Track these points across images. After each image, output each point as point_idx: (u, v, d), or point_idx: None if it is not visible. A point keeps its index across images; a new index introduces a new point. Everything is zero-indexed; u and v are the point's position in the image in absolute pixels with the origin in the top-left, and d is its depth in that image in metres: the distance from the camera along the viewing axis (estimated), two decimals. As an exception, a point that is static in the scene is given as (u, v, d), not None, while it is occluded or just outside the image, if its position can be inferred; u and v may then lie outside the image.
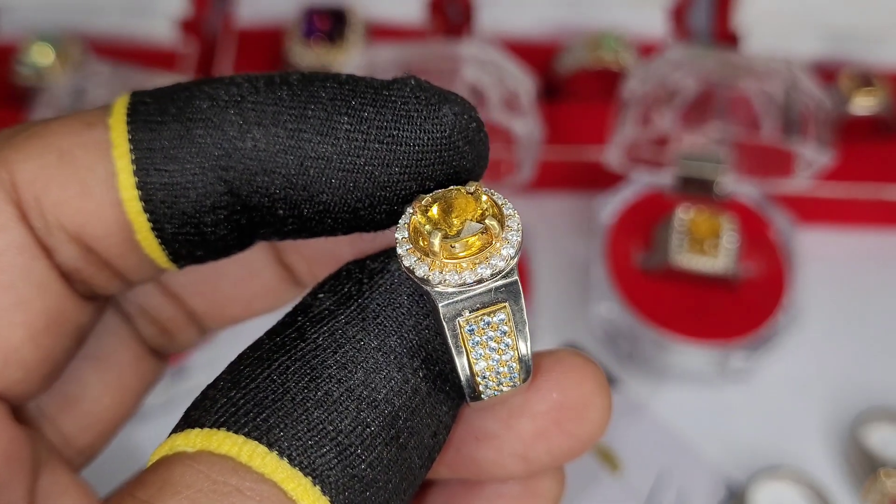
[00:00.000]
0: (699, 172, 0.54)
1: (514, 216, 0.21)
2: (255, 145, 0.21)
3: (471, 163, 0.22)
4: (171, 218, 0.22)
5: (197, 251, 0.23)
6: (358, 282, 0.22)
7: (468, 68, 0.52)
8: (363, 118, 0.21)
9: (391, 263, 0.22)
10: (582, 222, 0.57)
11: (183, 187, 0.22)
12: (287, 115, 0.21)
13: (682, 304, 0.52)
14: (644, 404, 0.51)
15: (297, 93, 0.22)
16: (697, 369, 0.52)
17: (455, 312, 0.21)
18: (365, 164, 0.21)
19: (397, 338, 0.21)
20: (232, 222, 0.23)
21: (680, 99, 0.53)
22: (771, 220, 0.55)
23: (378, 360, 0.21)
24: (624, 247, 0.54)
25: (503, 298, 0.21)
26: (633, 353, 0.53)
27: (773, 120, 0.52)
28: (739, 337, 0.51)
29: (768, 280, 0.53)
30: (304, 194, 0.22)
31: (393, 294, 0.22)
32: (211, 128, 0.22)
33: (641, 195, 0.56)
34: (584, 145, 0.57)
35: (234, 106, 0.22)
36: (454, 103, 0.22)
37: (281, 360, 0.21)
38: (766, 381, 0.53)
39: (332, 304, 0.22)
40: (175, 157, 0.22)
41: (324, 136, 0.21)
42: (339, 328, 0.21)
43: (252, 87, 0.22)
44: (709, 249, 0.52)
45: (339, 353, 0.21)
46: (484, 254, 0.21)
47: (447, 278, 0.21)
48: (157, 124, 0.22)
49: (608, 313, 0.52)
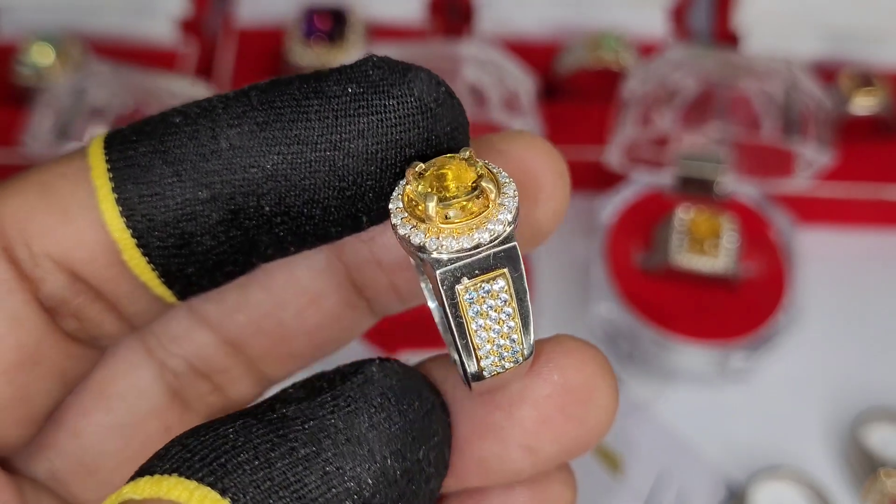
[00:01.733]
0: (699, 172, 0.54)
1: (510, 183, 0.21)
2: (230, 144, 0.21)
3: (448, 125, 0.22)
4: (154, 230, 0.22)
5: (188, 268, 0.23)
6: (330, 380, 0.21)
7: (468, 68, 0.52)
8: (330, 96, 0.21)
9: (365, 367, 0.22)
10: (582, 222, 0.57)
11: (162, 197, 0.22)
12: (258, 112, 0.22)
13: (683, 304, 0.52)
14: (644, 404, 0.52)
15: (265, 90, 0.22)
16: (697, 369, 0.52)
17: (453, 279, 0.21)
18: (341, 141, 0.21)
19: (368, 425, 0.20)
20: (220, 234, 0.22)
21: (680, 99, 0.53)
22: (771, 220, 0.55)
23: (349, 439, 0.20)
24: (624, 247, 0.54)
25: (502, 265, 0.21)
26: (633, 354, 0.53)
27: (773, 120, 0.52)
28: (739, 337, 0.51)
29: (768, 280, 0.53)
30: (287, 184, 0.22)
31: (366, 388, 0.21)
32: (184, 137, 0.22)
33: (641, 195, 0.56)
34: (584, 145, 0.57)
35: (205, 115, 0.22)
36: (419, 70, 0.22)
37: (245, 420, 0.20)
38: (766, 381, 0.53)
39: (303, 394, 0.21)
40: (150, 167, 0.22)
41: (295, 122, 0.21)
42: (308, 408, 0.20)
43: (222, 99, 0.22)
44: (709, 249, 0.52)
45: (307, 424, 0.20)
46: (481, 218, 0.21)
47: (444, 244, 0.20)
48: (132, 142, 0.22)
49: (608, 313, 0.52)
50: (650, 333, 0.51)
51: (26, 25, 0.60)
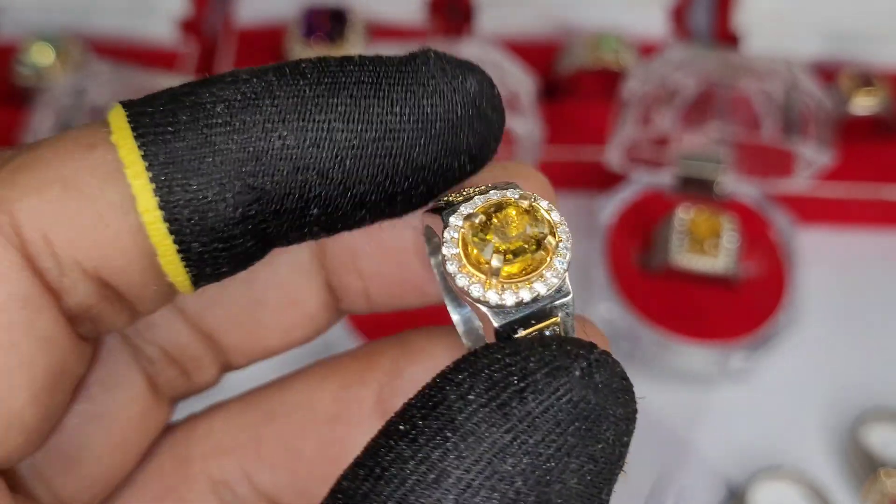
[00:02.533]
0: (699, 172, 0.54)
1: (563, 225, 0.21)
2: (283, 143, 0.20)
3: (497, 130, 0.22)
4: (200, 235, 0.20)
5: (222, 268, 0.21)
6: (518, 392, 0.19)
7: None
8: (393, 99, 0.21)
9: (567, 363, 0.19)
10: (582, 222, 0.57)
11: (210, 201, 0.20)
12: (312, 107, 0.20)
13: (683, 304, 0.52)
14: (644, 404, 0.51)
15: (317, 81, 0.20)
16: (698, 369, 0.52)
17: (511, 331, 0.20)
18: (401, 147, 0.21)
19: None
20: (259, 231, 0.21)
21: (680, 99, 0.53)
22: (771, 220, 0.55)
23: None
24: (624, 247, 0.54)
25: (556, 313, 0.21)
26: (633, 353, 0.52)
27: (773, 120, 0.52)
28: (740, 337, 0.51)
29: (768, 280, 0.53)
30: (340, 188, 0.21)
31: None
32: (232, 132, 0.20)
33: (641, 195, 0.55)
34: (584, 145, 0.57)
35: (253, 106, 0.20)
36: (476, 72, 0.21)
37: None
38: (767, 380, 0.53)
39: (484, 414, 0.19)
40: (197, 169, 0.20)
41: (355, 124, 0.20)
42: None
43: (264, 84, 0.20)
44: (709, 249, 0.52)
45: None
46: (538, 270, 0.20)
47: (505, 298, 0.20)
48: (171, 135, 0.20)
49: (608, 313, 0.52)
50: (650, 333, 0.51)
51: (26, 25, 0.60)
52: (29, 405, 0.21)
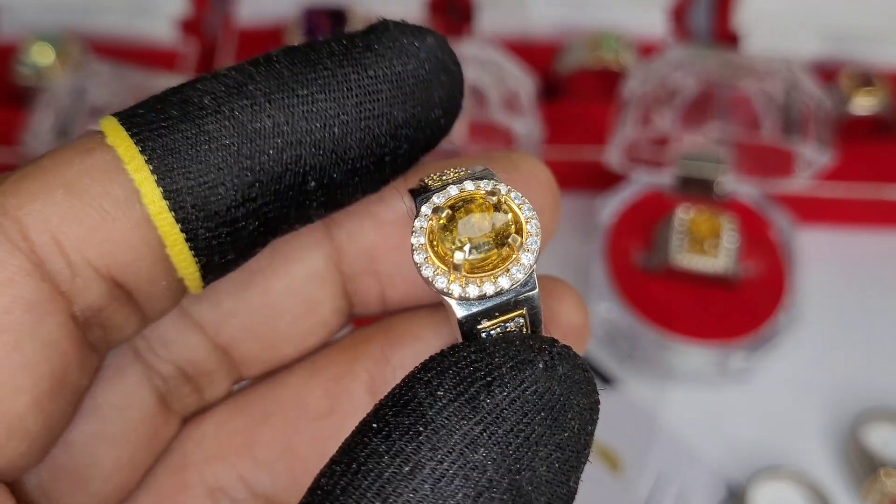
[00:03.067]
0: (699, 172, 0.54)
1: (533, 219, 0.21)
2: (273, 122, 0.21)
3: (460, 82, 0.23)
4: (205, 221, 0.21)
5: (229, 254, 0.22)
6: (486, 385, 0.19)
7: (468, 68, 0.52)
8: (366, 64, 0.22)
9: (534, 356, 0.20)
10: (582, 222, 0.57)
11: (211, 186, 0.20)
12: (293, 84, 0.21)
13: (683, 303, 0.52)
14: (644, 404, 0.51)
15: (292, 62, 0.21)
16: (697, 369, 0.52)
17: (473, 321, 0.21)
18: (381, 107, 0.22)
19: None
20: (261, 215, 0.22)
21: (680, 99, 0.53)
22: (771, 220, 0.55)
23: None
24: (624, 247, 0.54)
25: (521, 306, 0.21)
26: (633, 354, 0.53)
27: (773, 120, 0.52)
28: (739, 337, 0.51)
29: (768, 280, 0.53)
30: (333, 157, 0.21)
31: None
32: (223, 118, 0.21)
33: (641, 195, 0.56)
34: (584, 145, 0.57)
35: (238, 92, 0.21)
36: (431, 32, 0.23)
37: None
38: (766, 381, 0.53)
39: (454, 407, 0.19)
40: (195, 156, 0.20)
41: (336, 92, 0.21)
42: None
43: (245, 73, 0.21)
44: (709, 249, 0.52)
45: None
46: (505, 265, 0.21)
47: (468, 291, 0.21)
48: (165, 129, 0.21)
49: (608, 313, 0.52)
50: (650, 333, 0.51)
51: (26, 25, 0.60)
52: (31, 410, 0.21)
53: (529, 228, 0.21)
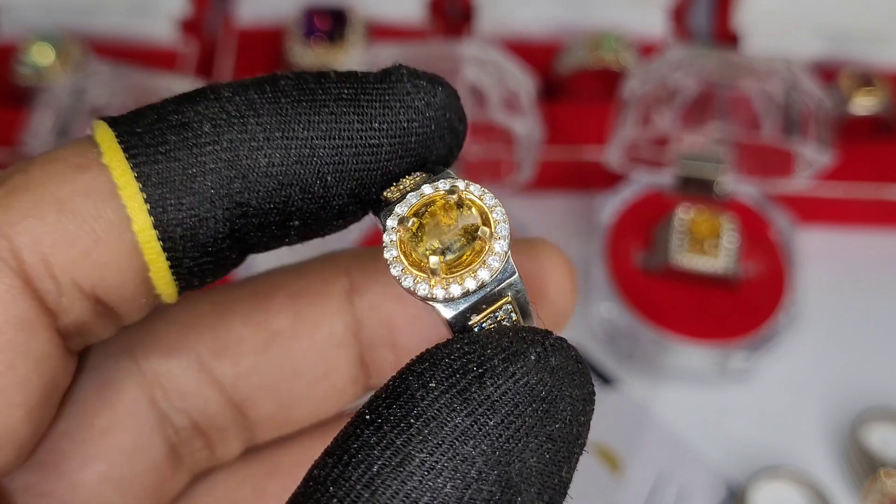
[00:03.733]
0: (699, 172, 0.54)
1: (497, 207, 0.22)
2: (269, 161, 0.21)
3: (461, 139, 0.23)
4: (191, 251, 0.21)
5: (207, 278, 0.22)
6: (478, 377, 0.19)
7: (468, 68, 0.52)
8: (371, 116, 0.21)
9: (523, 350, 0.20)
10: (582, 222, 0.57)
11: (201, 219, 0.21)
12: (295, 125, 0.21)
13: (683, 304, 0.52)
14: (644, 404, 0.51)
15: (297, 99, 0.21)
16: (697, 369, 0.52)
17: (464, 319, 0.21)
18: (379, 161, 0.22)
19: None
20: (243, 242, 0.22)
21: (680, 99, 0.53)
22: (771, 220, 0.55)
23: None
24: (624, 247, 0.54)
25: (506, 292, 0.21)
26: (633, 353, 0.53)
27: (773, 120, 0.52)
28: (740, 337, 0.51)
29: (768, 280, 0.53)
30: (321, 202, 0.22)
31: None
32: (220, 151, 0.21)
33: (641, 195, 0.56)
34: (584, 145, 0.57)
35: (239, 124, 0.21)
36: (444, 85, 0.22)
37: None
38: (767, 381, 0.53)
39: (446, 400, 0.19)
40: (189, 188, 0.21)
41: (336, 140, 0.21)
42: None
43: (247, 102, 0.21)
44: (709, 249, 0.52)
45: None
46: (481, 257, 0.21)
47: (451, 291, 0.21)
48: (161, 156, 0.21)
49: (608, 313, 0.52)
50: (650, 333, 0.51)
51: (26, 25, 0.61)
52: (23, 422, 0.21)
53: (496, 217, 0.21)
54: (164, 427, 0.26)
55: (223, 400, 0.26)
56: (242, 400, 0.26)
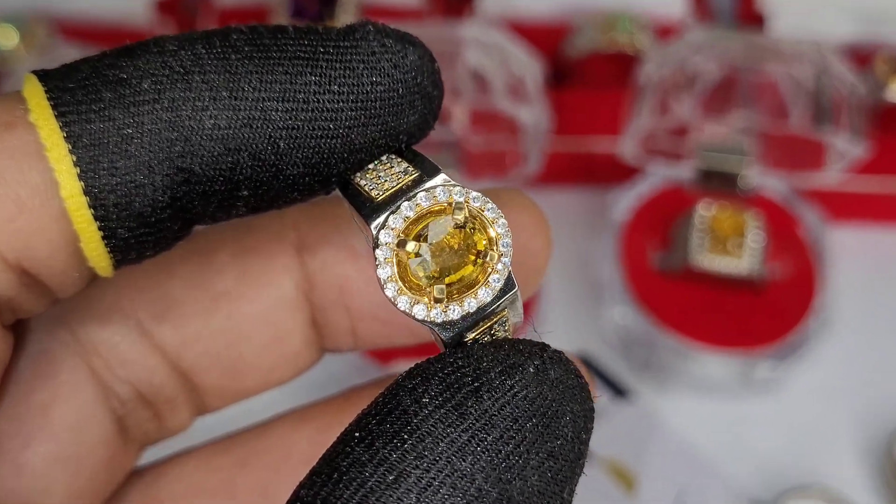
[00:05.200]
0: (722, 165, 0.54)
1: (500, 219, 0.21)
2: (215, 123, 0.20)
3: (437, 107, 0.23)
4: (126, 221, 0.21)
5: (147, 252, 0.22)
6: (474, 391, 0.20)
7: (469, 52, 0.51)
8: (331, 77, 0.21)
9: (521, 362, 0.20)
10: (593, 219, 0.57)
11: (137, 185, 0.20)
12: (245, 84, 0.20)
13: (703, 308, 0.52)
14: (661, 418, 0.51)
15: (250, 56, 0.21)
16: (720, 379, 0.52)
17: (459, 337, 0.21)
18: (339, 128, 0.21)
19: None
20: (186, 212, 0.21)
21: (701, 85, 0.53)
22: (800, 217, 0.55)
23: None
24: (639, 246, 0.54)
25: (504, 307, 0.21)
26: (649, 362, 0.52)
27: (802, 108, 0.52)
28: (766, 344, 0.51)
29: (797, 282, 0.53)
30: (273, 170, 0.21)
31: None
32: (161, 110, 0.20)
33: (659, 190, 0.55)
34: (595, 136, 0.57)
35: (182, 81, 0.20)
36: (416, 45, 0.22)
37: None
38: (795, 392, 0.53)
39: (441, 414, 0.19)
40: (124, 151, 0.20)
41: (290, 103, 0.21)
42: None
43: (193, 57, 0.20)
44: (732, 249, 0.52)
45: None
46: (485, 277, 0.21)
47: (450, 315, 0.21)
48: (95, 115, 0.20)
49: (622, 318, 0.52)
50: (668, 340, 0.51)
51: (-11, 6, 0.60)
52: None
53: (499, 230, 0.21)
54: (109, 399, 0.26)
55: (168, 368, 0.26)
56: (188, 368, 0.26)
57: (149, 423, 0.27)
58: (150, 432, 0.27)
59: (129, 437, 0.26)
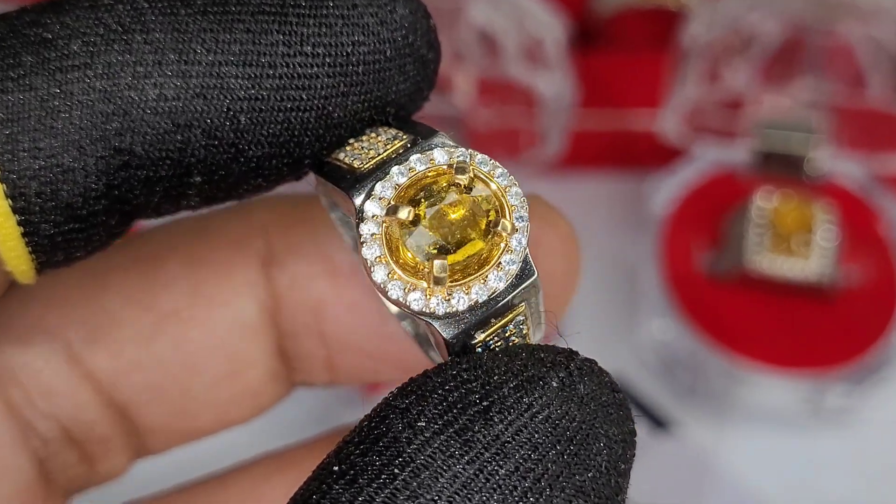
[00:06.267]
0: (785, 146, 0.52)
1: (513, 187, 0.20)
2: (160, 93, 0.20)
3: (432, 73, 0.22)
4: (52, 213, 0.20)
5: (77, 252, 0.21)
6: (483, 412, 0.18)
7: (476, 7, 0.50)
8: (304, 35, 0.20)
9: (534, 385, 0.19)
10: (628, 213, 0.55)
11: (66, 169, 0.20)
12: (197, 45, 0.20)
13: (762, 321, 0.50)
14: (710, 455, 0.50)
15: (203, 10, 0.20)
16: (782, 408, 0.50)
17: (466, 337, 0.20)
18: (313, 98, 0.20)
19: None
20: (125, 203, 0.21)
21: (759, 48, 0.51)
22: (881, 210, 0.53)
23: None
24: (684, 245, 0.52)
25: (521, 299, 0.20)
26: (695, 387, 0.51)
27: (883, 76, 0.51)
28: (838, 365, 0.49)
29: (877, 289, 0.51)
30: (232, 151, 0.20)
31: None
32: (94, 78, 0.19)
33: (707, 176, 0.54)
34: (630, 109, 0.56)
35: (120, 42, 0.20)
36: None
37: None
38: (873, 423, 0.51)
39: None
40: (49, 128, 0.19)
41: (253, 68, 0.20)
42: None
43: (134, 13, 0.20)
44: (798, 248, 0.51)
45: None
46: (493, 260, 0.20)
47: (454, 304, 0.20)
48: (12, 83, 0.19)
49: (663, 333, 0.51)
50: (718, 360, 0.50)
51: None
52: None
53: (511, 201, 0.20)
54: (29, 438, 0.25)
55: (101, 402, 0.25)
56: (125, 403, 0.25)
57: (77, 468, 0.26)
58: (77, 478, 0.26)
59: (52, 484, 0.26)
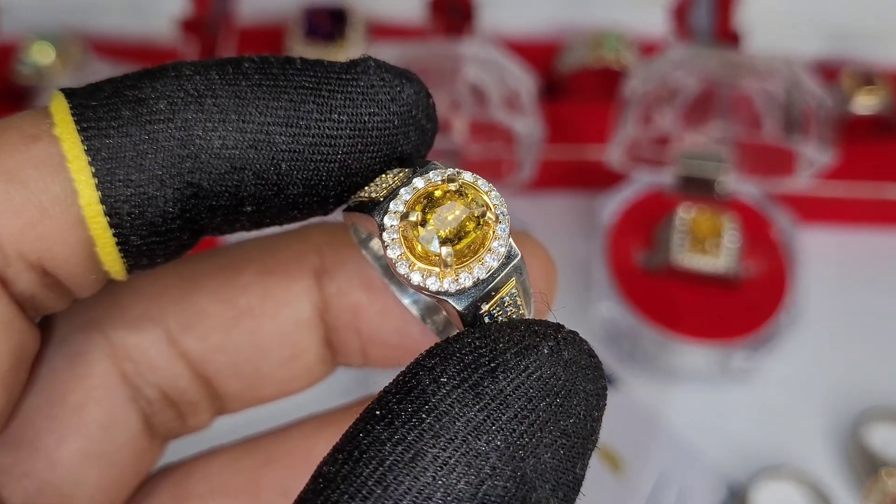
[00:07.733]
0: (700, 171, 0.54)
1: (493, 191, 0.21)
2: (223, 143, 0.20)
3: (430, 139, 0.23)
4: (139, 229, 0.21)
5: (158, 259, 0.22)
6: (490, 371, 0.19)
7: (469, 67, 0.52)
8: (332, 106, 0.21)
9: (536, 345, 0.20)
10: (583, 221, 0.57)
11: (150, 197, 0.20)
12: (253, 109, 0.21)
13: (684, 303, 0.52)
14: (645, 404, 0.51)
15: (258, 83, 0.21)
16: (699, 369, 0.52)
17: (475, 308, 0.21)
18: (337, 153, 0.21)
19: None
20: (194, 223, 0.22)
21: (681, 98, 0.53)
22: (772, 220, 0.54)
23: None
24: (625, 246, 0.54)
25: (511, 276, 0.21)
26: (634, 353, 0.52)
27: (774, 119, 0.52)
28: (741, 337, 0.51)
29: (770, 279, 0.53)
30: (275, 189, 0.21)
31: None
32: (174, 129, 0.20)
33: (642, 194, 0.55)
34: (585, 144, 0.57)
35: (195, 104, 0.20)
36: (413, 81, 0.22)
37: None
38: (768, 380, 0.53)
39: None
40: (139, 165, 0.20)
41: (293, 128, 0.21)
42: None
43: (207, 82, 0.21)
44: (710, 249, 0.52)
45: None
46: (486, 245, 0.21)
47: (462, 282, 0.21)
48: (113, 130, 0.20)
49: (609, 313, 0.52)
50: (651, 333, 0.51)
51: (27, 24, 0.60)
52: None
53: (494, 201, 0.21)
54: (138, 400, 0.26)
55: (192, 375, 0.26)
56: (210, 375, 0.26)
57: (173, 422, 0.27)
58: (173, 430, 0.27)
59: (154, 434, 0.27)
